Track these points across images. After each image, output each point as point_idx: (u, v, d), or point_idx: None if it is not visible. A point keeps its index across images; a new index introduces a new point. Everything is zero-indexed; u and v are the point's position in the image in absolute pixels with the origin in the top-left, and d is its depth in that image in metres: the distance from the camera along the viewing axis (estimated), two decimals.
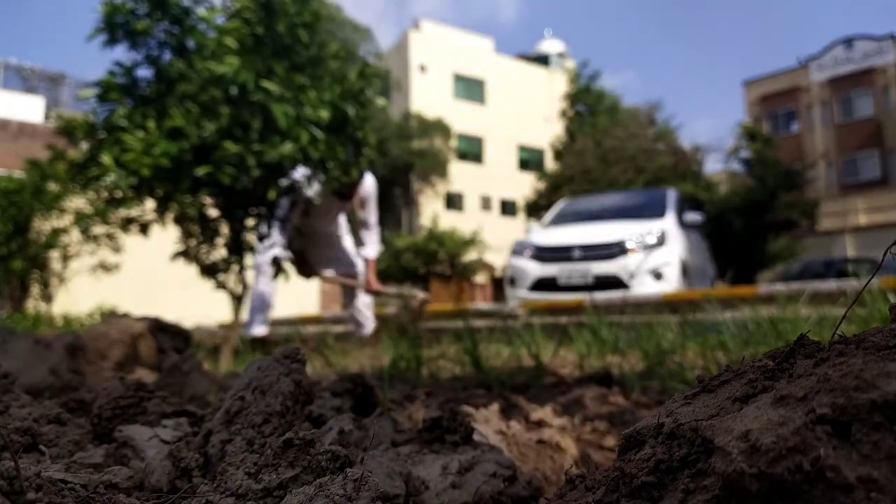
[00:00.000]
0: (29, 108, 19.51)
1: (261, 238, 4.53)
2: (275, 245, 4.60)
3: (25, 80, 23.37)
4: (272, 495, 0.69)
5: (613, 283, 7.38)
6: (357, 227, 5.39)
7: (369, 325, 5.42)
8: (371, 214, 5.20)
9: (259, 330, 4.91)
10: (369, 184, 5.09)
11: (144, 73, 3.88)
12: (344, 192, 4.89)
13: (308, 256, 5.18)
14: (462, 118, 33.77)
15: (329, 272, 5.31)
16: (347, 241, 5.39)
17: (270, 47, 3.83)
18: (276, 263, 4.50)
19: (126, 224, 3.97)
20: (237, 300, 4.16)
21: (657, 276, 7.49)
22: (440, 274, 25.89)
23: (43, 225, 9.64)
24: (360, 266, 5.38)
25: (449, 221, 29.76)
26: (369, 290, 5.31)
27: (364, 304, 5.43)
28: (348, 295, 5.44)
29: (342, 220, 5.34)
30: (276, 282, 4.89)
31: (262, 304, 4.92)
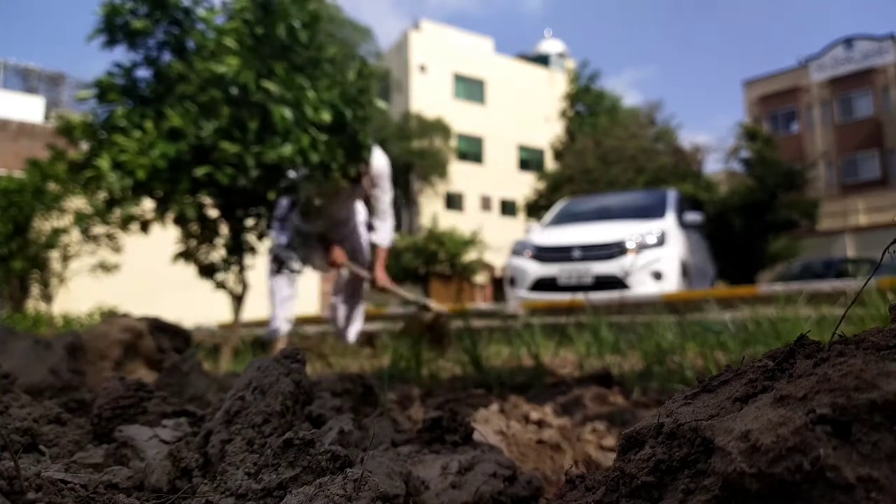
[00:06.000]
0: (29, 108, 19.50)
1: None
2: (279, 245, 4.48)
3: (25, 80, 23.36)
4: (272, 495, 0.69)
5: (613, 283, 7.38)
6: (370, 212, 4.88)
7: (353, 330, 5.01)
8: (384, 197, 4.68)
9: (280, 328, 4.70)
10: (380, 162, 4.58)
11: (144, 73, 3.88)
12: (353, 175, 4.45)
13: (331, 240, 4.78)
14: (462, 118, 33.77)
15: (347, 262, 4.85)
16: (362, 232, 4.94)
17: (270, 48, 3.82)
18: (278, 261, 4.47)
19: (126, 223, 3.97)
20: (237, 300, 4.16)
21: (657, 276, 7.49)
22: (440, 274, 25.89)
23: (43, 225, 9.64)
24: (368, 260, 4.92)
25: (449, 221, 29.76)
26: (375, 284, 4.83)
27: (359, 312, 5.06)
28: (347, 293, 5.00)
29: (358, 208, 4.88)
30: (286, 278, 4.67)
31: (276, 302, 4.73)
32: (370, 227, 4.90)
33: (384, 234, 4.80)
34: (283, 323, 4.71)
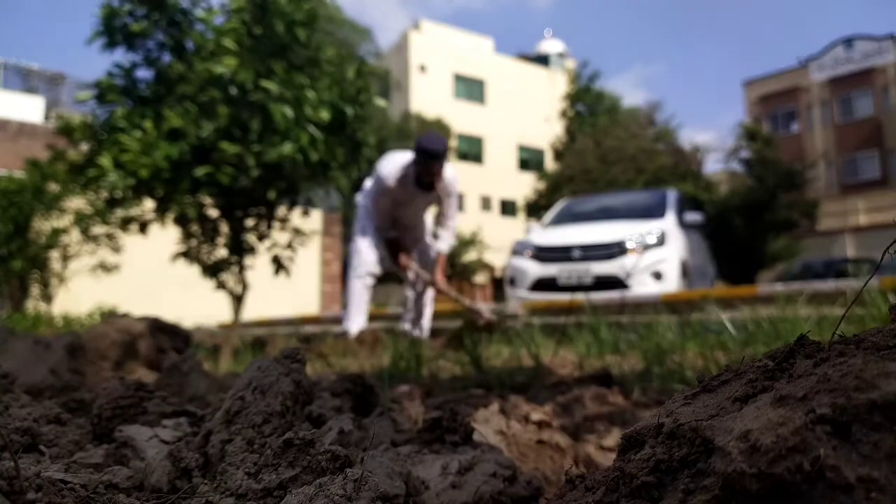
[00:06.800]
0: (29, 108, 19.47)
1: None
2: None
3: (25, 80, 23.33)
4: (272, 495, 0.69)
5: (613, 283, 7.38)
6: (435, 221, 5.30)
7: (426, 326, 5.29)
8: (451, 208, 5.12)
9: (351, 329, 4.91)
10: (451, 176, 5.01)
11: (144, 74, 3.88)
12: (427, 182, 4.80)
13: (403, 244, 5.13)
14: (462, 118, 33.76)
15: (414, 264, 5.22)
16: (429, 239, 5.31)
17: (268, 47, 3.82)
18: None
19: (125, 223, 3.97)
20: (237, 300, 4.16)
21: (657, 276, 7.49)
22: None
23: (43, 225, 9.64)
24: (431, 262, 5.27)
25: None
26: (434, 286, 5.17)
27: (427, 307, 5.32)
28: (413, 292, 5.30)
29: (426, 216, 5.24)
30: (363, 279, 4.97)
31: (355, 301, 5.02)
32: (434, 235, 5.29)
33: (447, 241, 5.22)
34: (354, 325, 4.96)
